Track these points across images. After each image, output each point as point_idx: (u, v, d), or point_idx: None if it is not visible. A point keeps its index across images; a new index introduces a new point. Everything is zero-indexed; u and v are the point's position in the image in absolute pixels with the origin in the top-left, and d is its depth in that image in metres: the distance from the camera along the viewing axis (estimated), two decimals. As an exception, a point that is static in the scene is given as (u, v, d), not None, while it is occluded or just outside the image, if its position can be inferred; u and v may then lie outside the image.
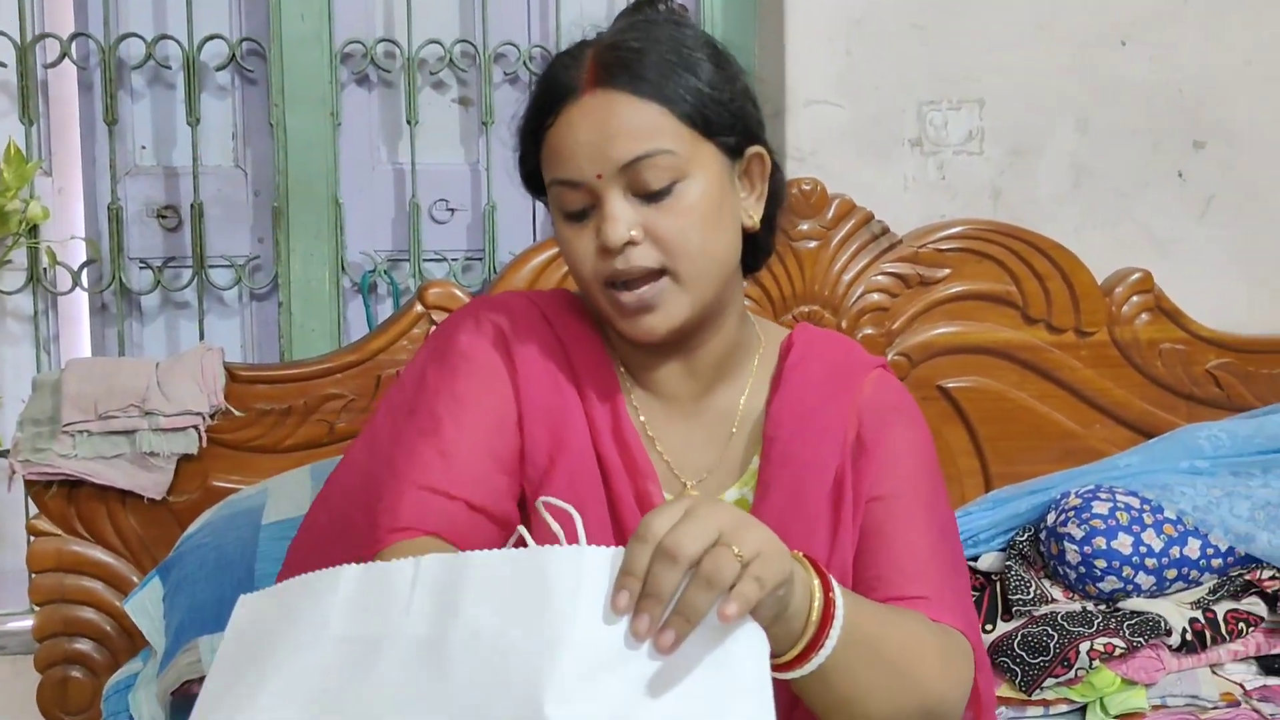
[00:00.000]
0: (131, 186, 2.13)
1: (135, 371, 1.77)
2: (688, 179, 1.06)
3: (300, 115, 2.08)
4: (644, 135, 1.04)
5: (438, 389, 1.11)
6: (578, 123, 1.05)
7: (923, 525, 1.12)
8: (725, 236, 1.09)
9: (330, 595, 0.85)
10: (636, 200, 1.05)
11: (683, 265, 1.06)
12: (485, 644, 0.80)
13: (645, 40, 1.07)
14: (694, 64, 1.07)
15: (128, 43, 2.08)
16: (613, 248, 1.04)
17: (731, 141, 1.09)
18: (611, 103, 1.05)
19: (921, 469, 1.15)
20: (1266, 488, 1.78)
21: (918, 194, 2.06)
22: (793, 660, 0.92)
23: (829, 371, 1.17)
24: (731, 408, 1.16)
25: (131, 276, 2.12)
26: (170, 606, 1.55)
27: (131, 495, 1.78)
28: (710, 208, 1.06)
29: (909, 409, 1.18)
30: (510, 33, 2.18)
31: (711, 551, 0.81)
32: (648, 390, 1.16)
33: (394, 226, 2.19)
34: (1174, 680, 1.66)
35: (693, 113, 1.06)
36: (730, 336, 1.15)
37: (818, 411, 1.14)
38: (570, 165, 1.06)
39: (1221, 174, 2.13)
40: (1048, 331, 1.99)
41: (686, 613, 0.81)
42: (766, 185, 1.14)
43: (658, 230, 1.05)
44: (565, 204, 1.08)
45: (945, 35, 2.04)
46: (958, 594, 1.12)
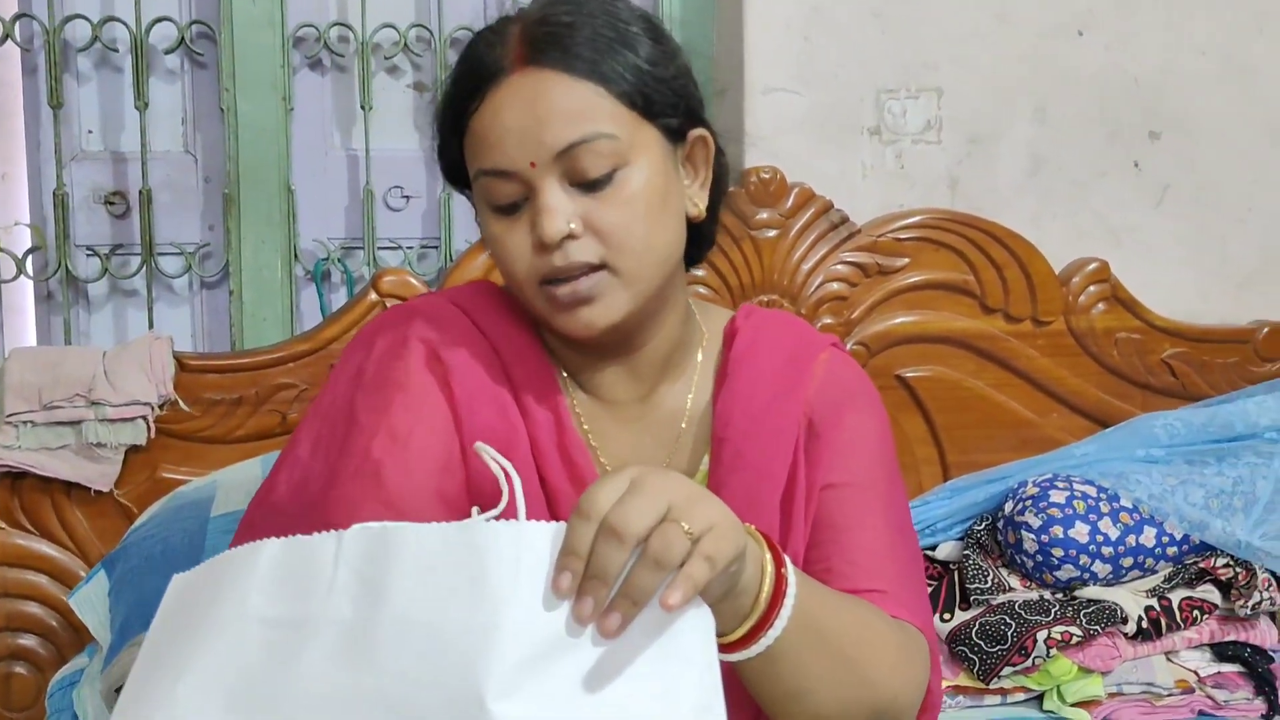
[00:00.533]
0: (78, 172, 2.08)
1: (81, 361, 1.73)
2: (629, 166, 0.97)
3: (251, 100, 2.04)
4: (580, 118, 0.96)
5: (373, 427, 1.00)
6: (505, 106, 0.96)
7: (879, 517, 1.07)
8: (669, 227, 1.01)
9: (250, 572, 0.79)
10: (574, 190, 0.97)
11: (624, 260, 0.98)
12: (417, 630, 0.74)
13: (576, 14, 0.99)
14: (631, 39, 0.99)
15: (73, 24, 2.03)
16: (550, 242, 0.96)
17: (674, 123, 1.01)
18: (543, 82, 0.96)
19: (878, 458, 1.10)
20: (1220, 476, 1.79)
21: (876, 183, 2.05)
22: (740, 640, 0.86)
23: (778, 361, 1.09)
24: (678, 407, 1.09)
25: (78, 264, 2.08)
26: (116, 601, 1.52)
27: (77, 487, 1.75)
28: (654, 197, 0.98)
29: (865, 393, 1.12)
30: (466, 16, 2.15)
31: (660, 528, 0.76)
32: (590, 394, 1.08)
33: (347, 214, 2.16)
34: (1130, 668, 1.68)
35: (632, 92, 0.98)
36: (674, 333, 1.08)
37: (768, 407, 1.07)
38: (499, 153, 0.96)
39: (1177, 164, 2.14)
40: (1005, 321, 1.99)
41: (633, 595, 0.76)
42: (710, 170, 1.06)
43: (598, 222, 0.97)
44: (494, 197, 0.98)
45: (904, 24, 2.04)
46: (915, 590, 1.07)
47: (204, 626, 0.79)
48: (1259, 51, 2.15)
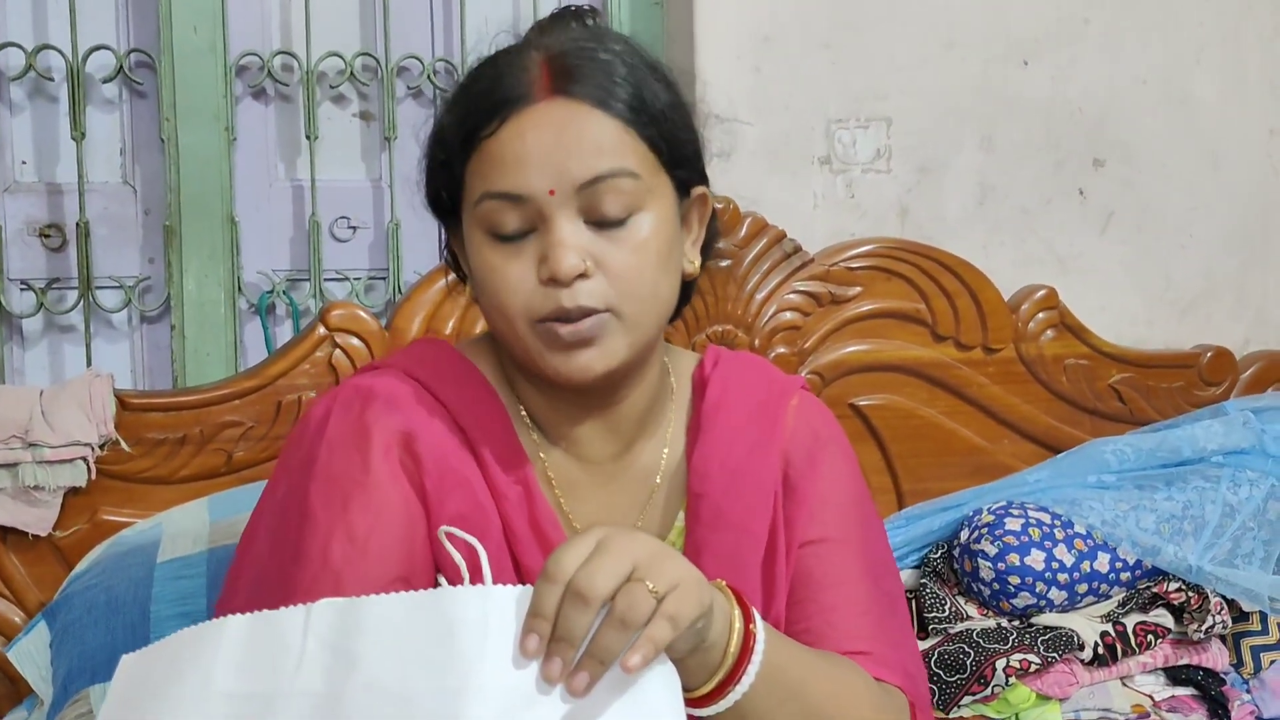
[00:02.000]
0: (11, 204, 2.02)
1: (17, 400, 1.68)
2: (644, 211, 0.95)
3: (193, 130, 1.99)
4: (607, 152, 0.93)
5: (329, 527, 0.95)
6: (529, 131, 0.93)
7: (856, 570, 1.06)
8: (670, 280, 0.99)
9: (214, 650, 0.79)
10: (588, 227, 0.94)
11: (630, 306, 0.95)
12: (387, 696, 0.75)
13: (604, 49, 0.97)
14: (652, 83, 0.97)
15: (6, 52, 1.98)
16: (564, 279, 0.92)
17: (685, 176, 1.00)
18: (574, 112, 0.93)
19: (852, 507, 1.10)
20: (1170, 500, 1.81)
21: (827, 212, 2.06)
22: (708, 695, 0.87)
23: (750, 409, 1.08)
24: (653, 463, 1.07)
25: (12, 299, 2.01)
26: (58, 653, 1.47)
27: (14, 532, 1.69)
28: (662, 246, 0.96)
29: (835, 439, 1.12)
30: (413, 45, 2.12)
31: (625, 588, 0.77)
32: (565, 452, 1.05)
33: (293, 245, 2.12)
34: (1087, 694, 1.69)
35: (655, 138, 0.96)
36: (652, 387, 1.06)
37: (745, 462, 1.05)
38: (517, 177, 0.93)
39: (1121, 191, 2.18)
40: (956, 349, 2.00)
41: (599, 655, 0.77)
42: (704, 230, 1.05)
43: (609, 263, 0.94)
44: (498, 223, 0.94)
45: (853, 54, 2.05)
46: (896, 642, 1.06)
47: (164, 707, 0.78)
48: (1198, 81, 2.19)
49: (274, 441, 1.75)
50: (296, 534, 0.96)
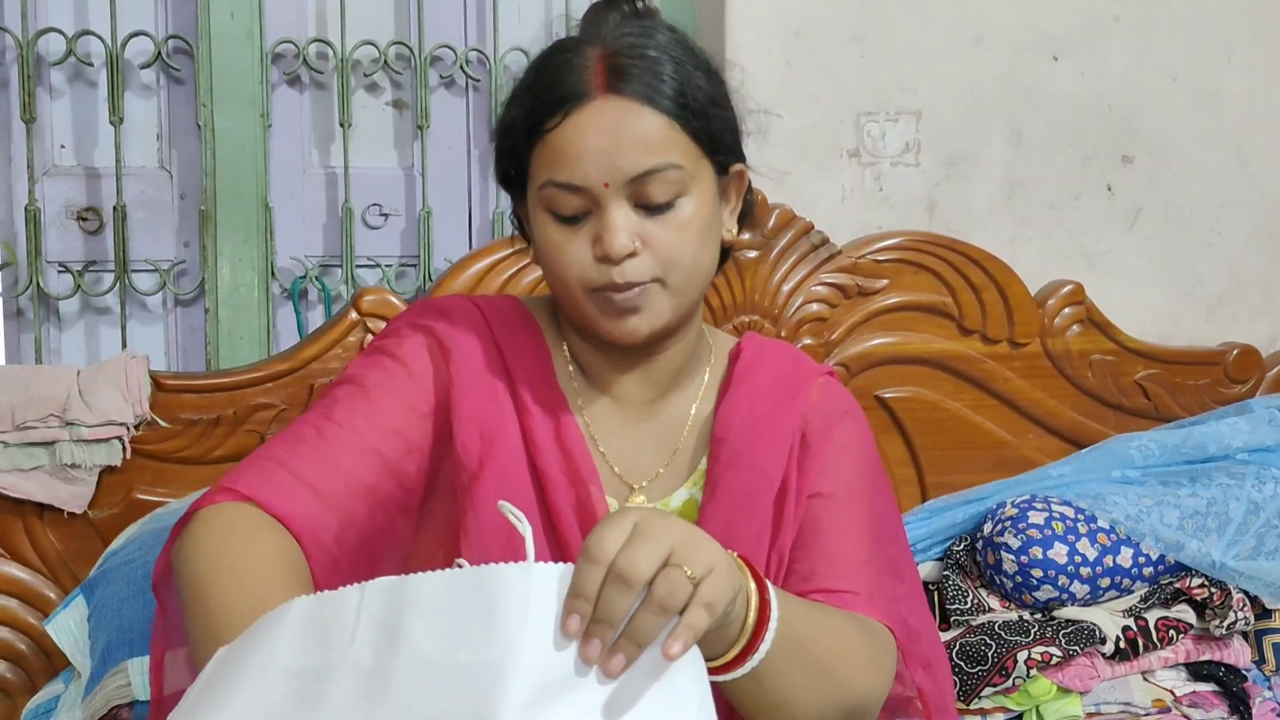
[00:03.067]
0: (50, 187, 2.05)
1: (55, 380, 1.70)
2: (687, 195, 1.06)
3: (229, 116, 2.02)
4: (656, 148, 1.03)
5: (347, 375, 1.13)
6: (588, 128, 1.03)
7: (860, 526, 1.14)
8: (711, 250, 1.10)
9: (280, 627, 0.83)
10: (638, 210, 1.05)
11: (674, 276, 1.06)
12: (430, 670, 0.77)
13: (653, 46, 1.06)
14: (695, 76, 1.06)
15: (47, 38, 2.00)
16: (615, 258, 1.04)
17: (724, 160, 1.10)
18: (626, 111, 1.03)
19: (862, 472, 1.17)
20: (1194, 497, 1.81)
21: (854, 204, 2.07)
22: (729, 663, 0.92)
23: (777, 378, 1.18)
24: (683, 414, 1.17)
25: (50, 281, 2.04)
26: (96, 627, 1.49)
27: (50, 509, 1.72)
28: (704, 223, 1.07)
29: (854, 414, 1.21)
30: (447, 35, 2.14)
31: (664, 573, 0.80)
32: (603, 394, 1.16)
33: (326, 231, 2.14)
34: (1108, 688, 1.69)
35: (699, 129, 1.06)
36: (689, 345, 1.17)
37: (767, 417, 1.15)
38: (576, 171, 1.04)
39: (1149, 187, 2.18)
40: (982, 342, 2.01)
41: (637, 638, 0.80)
42: (741, 200, 1.16)
43: (655, 242, 1.05)
44: (559, 206, 1.06)
45: (883, 48, 2.05)
46: (890, 595, 1.13)
47: (232, 682, 0.82)
48: (1227, 77, 2.19)
49: (306, 424, 1.77)
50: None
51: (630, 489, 1.14)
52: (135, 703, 1.41)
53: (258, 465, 1.05)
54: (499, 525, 1.03)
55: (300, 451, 1.05)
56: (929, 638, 1.17)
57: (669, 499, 1.14)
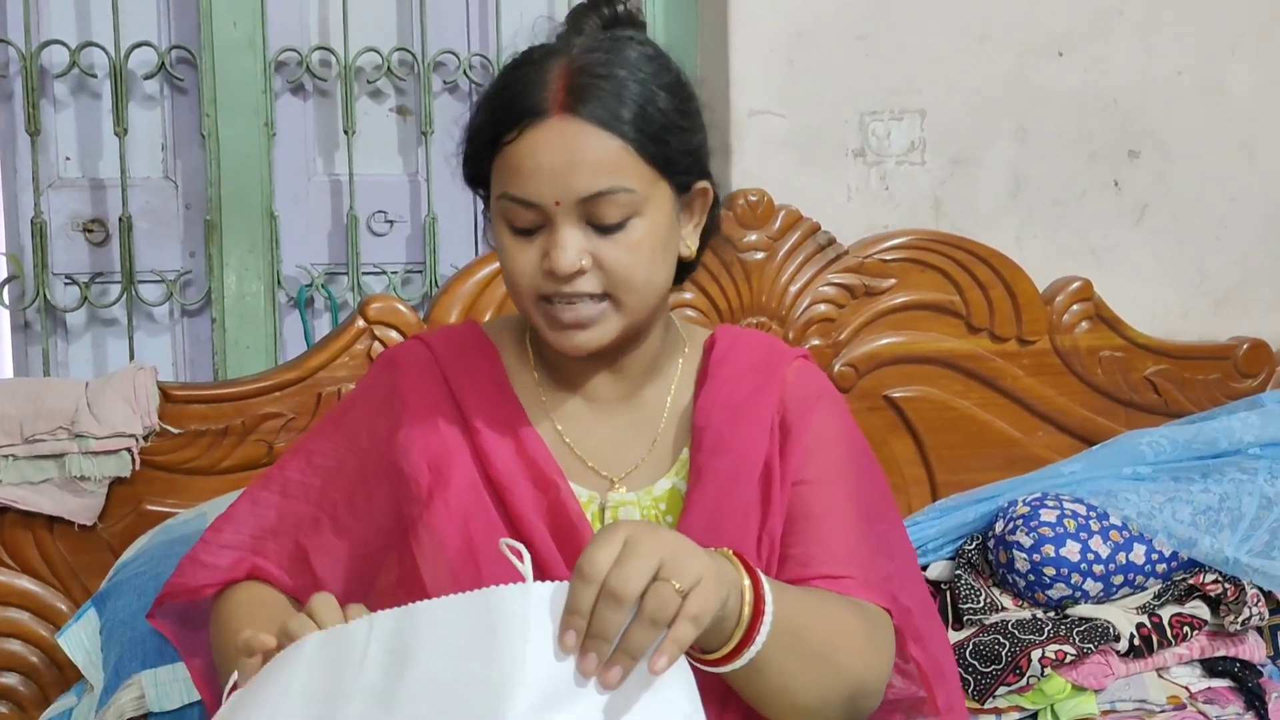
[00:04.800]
0: (55, 199, 2.06)
1: (63, 392, 1.71)
2: (640, 216, 1.06)
3: (233, 125, 2.02)
4: (608, 171, 1.04)
5: (299, 449, 1.19)
6: (541, 146, 1.04)
7: (849, 510, 1.15)
8: (665, 268, 1.11)
9: (294, 661, 0.87)
10: (589, 229, 1.06)
11: (625, 295, 1.07)
12: (437, 688, 0.82)
13: (617, 65, 1.06)
14: (658, 97, 1.07)
15: (50, 50, 2.01)
16: (562, 275, 1.05)
17: (683, 180, 1.10)
18: (580, 132, 1.04)
19: (845, 453, 1.18)
20: (1206, 492, 1.81)
21: (860, 204, 2.06)
22: (726, 656, 0.96)
23: (753, 363, 1.19)
24: (659, 405, 1.18)
25: (56, 293, 2.05)
26: (108, 639, 1.49)
27: (60, 521, 1.72)
28: (657, 243, 1.08)
29: (831, 396, 1.22)
30: (449, 41, 2.14)
31: (653, 589, 0.86)
32: (575, 394, 1.17)
33: (331, 239, 2.14)
34: (1122, 685, 1.68)
35: (655, 153, 1.06)
36: (655, 344, 1.18)
37: (746, 402, 1.16)
38: (529, 187, 1.05)
39: (1155, 183, 2.17)
40: (991, 340, 2.00)
41: (631, 650, 0.85)
42: (705, 216, 1.15)
43: (606, 261, 1.06)
44: (514, 219, 1.07)
45: (887, 47, 2.05)
46: (884, 574, 1.14)
47: (248, 710, 0.87)
48: (1233, 71, 2.18)
49: (314, 432, 1.77)
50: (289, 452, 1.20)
51: (611, 483, 1.15)
52: (149, 714, 1.41)
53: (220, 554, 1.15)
54: (453, 553, 1.08)
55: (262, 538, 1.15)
56: (921, 612, 1.17)
57: (651, 488, 1.15)
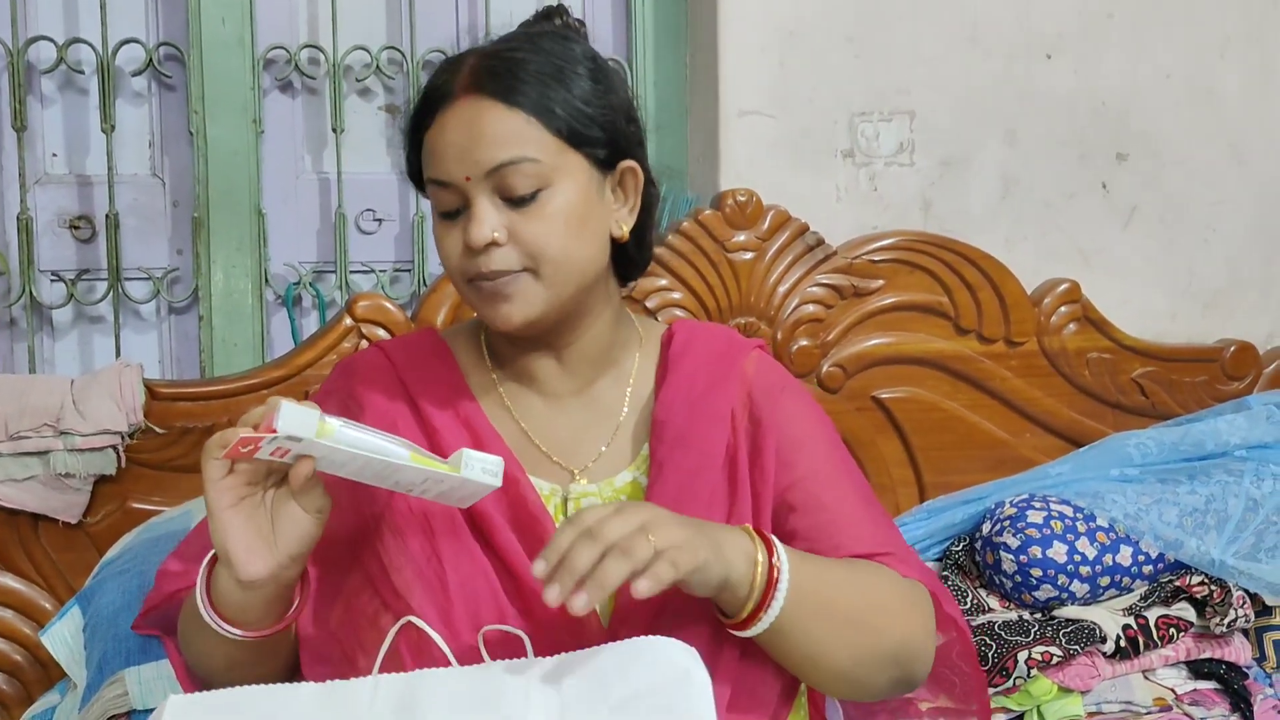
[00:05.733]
0: (42, 196, 2.05)
1: (49, 389, 1.70)
2: (552, 187, 1.09)
3: (221, 123, 2.01)
4: (509, 142, 1.08)
5: None
6: (449, 127, 1.10)
7: (853, 494, 1.19)
8: (590, 243, 1.13)
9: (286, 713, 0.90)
10: (504, 204, 1.09)
11: (544, 267, 1.10)
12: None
13: (524, 50, 1.11)
14: (569, 77, 1.11)
15: (38, 45, 2.00)
16: (475, 247, 1.08)
17: (601, 154, 1.13)
18: (481, 109, 1.09)
19: (827, 440, 1.22)
20: (1193, 494, 1.81)
21: (849, 205, 2.06)
22: (742, 622, 1.04)
23: (711, 356, 1.22)
24: (617, 399, 1.21)
25: (42, 289, 2.04)
26: (92, 637, 1.49)
27: (44, 519, 1.71)
28: (574, 215, 1.10)
29: (794, 385, 1.25)
30: (438, 39, 2.13)
31: (631, 535, 0.94)
32: (530, 390, 1.19)
33: (319, 237, 2.14)
34: (1108, 686, 1.69)
35: (560, 124, 1.10)
36: (604, 336, 1.19)
37: (705, 393, 1.18)
38: (441, 167, 1.10)
39: (1144, 185, 2.17)
40: (979, 342, 2.00)
41: (600, 579, 0.93)
42: (639, 198, 1.18)
43: (520, 234, 1.09)
44: (439, 203, 1.12)
45: (876, 48, 2.05)
46: (907, 549, 1.20)
47: None
48: (1222, 74, 2.19)
49: (301, 431, 1.77)
50: None
51: (572, 475, 1.16)
52: (133, 712, 1.40)
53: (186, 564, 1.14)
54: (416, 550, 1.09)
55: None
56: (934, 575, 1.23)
57: (613, 480, 1.17)
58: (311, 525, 1.02)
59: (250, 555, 0.99)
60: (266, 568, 1.00)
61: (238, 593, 1.02)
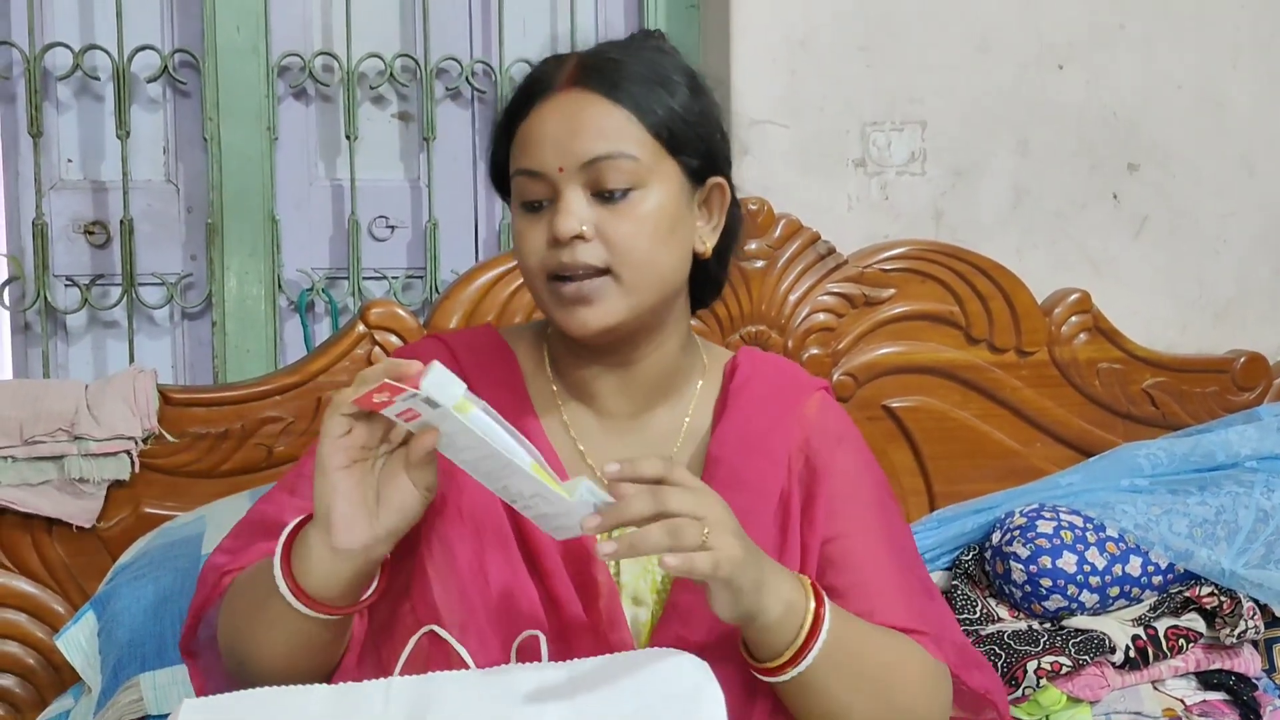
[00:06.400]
0: (57, 201, 2.06)
1: (63, 394, 1.71)
2: (645, 188, 1.08)
3: (235, 129, 2.02)
4: (609, 136, 1.07)
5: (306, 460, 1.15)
6: (548, 116, 1.08)
7: (891, 559, 1.16)
8: (673, 253, 1.11)
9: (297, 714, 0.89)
10: (593, 199, 1.07)
11: (626, 270, 1.07)
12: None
13: (627, 54, 1.11)
14: (670, 84, 1.10)
15: (54, 52, 2.01)
16: (562, 239, 1.06)
17: (694, 164, 1.11)
18: (584, 101, 1.08)
19: (873, 498, 1.19)
20: (1203, 505, 1.81)
21: (861, 214, 2.07)
22: (777, 667, 1.02)
23: (773, 392, 1.19)
24: (674, 427, 1.18)
25: (57, 294, 2.05)
26: (106, 642, 1.49)
27: (58, 523, 1.72)
28: (663, 221, 1.08)
29: (853, 435, 1.22)
30: (452, 47, 2.15)
31: (689, 519, 0.94)
32: (586, 407, 1.16)
33: (332, 244, 2.15)
34: (1118, 697, 1.69)
35: (660, 126, 1.08)
36: (670, 358, 1.17)
37: (763, 434, 1.16)
38: (535, 156, 1.08)
39: (1155, 195, 2.18)
40: (990, 351, 2.01)
41: (636, 541, 0.92)
42: (723, 217, 1.16)
43: (608, 231, 1.07)
44: (525, 193, 1.09)
45: (888, 57, 2.06)
46: (940, 623, 1.17)
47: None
48: (1233, 85, 2.19)
49: (314, 437, 1.75)
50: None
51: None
52: (147, 717, 1.41)
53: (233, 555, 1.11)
54: (463, 564, 1.07)
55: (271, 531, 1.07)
56: (954, 627, 1.20)
57: None
58: (417, 502, 0.98)
59: (350, 522, 0.95)
60: (363, 537, 0.96)
61: (327, 562, 0.97)
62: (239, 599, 1.07)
